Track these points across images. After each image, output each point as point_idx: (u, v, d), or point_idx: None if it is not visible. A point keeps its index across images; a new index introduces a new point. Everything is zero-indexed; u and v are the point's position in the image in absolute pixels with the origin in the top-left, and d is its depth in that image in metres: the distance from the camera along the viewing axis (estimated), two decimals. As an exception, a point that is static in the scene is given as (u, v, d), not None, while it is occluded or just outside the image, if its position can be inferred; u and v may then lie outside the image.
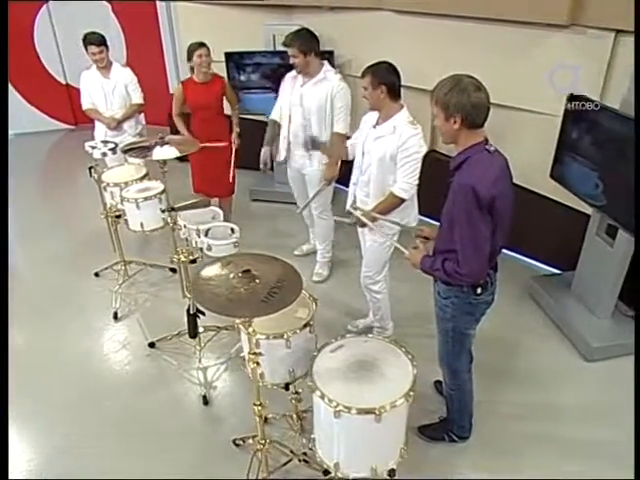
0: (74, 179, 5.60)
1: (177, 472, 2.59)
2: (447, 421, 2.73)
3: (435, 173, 2.78)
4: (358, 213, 2.80)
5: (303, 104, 3.50)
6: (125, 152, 2.91)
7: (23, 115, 6.90)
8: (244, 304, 1.78)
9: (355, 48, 4.45)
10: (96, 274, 4.09)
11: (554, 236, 3.88)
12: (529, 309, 3.68)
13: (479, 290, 2.20)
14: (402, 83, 3.06)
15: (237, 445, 2.68)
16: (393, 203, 2.83)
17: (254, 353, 2.04)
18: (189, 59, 3.88)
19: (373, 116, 2.92)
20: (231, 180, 4.17)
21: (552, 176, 3.49)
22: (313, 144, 3.36)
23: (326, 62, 3.54)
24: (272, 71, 4.61)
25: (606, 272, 3.28)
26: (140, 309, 3.77)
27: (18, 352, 3.30)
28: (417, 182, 2.82)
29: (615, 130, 2.94)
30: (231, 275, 1.90)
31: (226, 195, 4.24)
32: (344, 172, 3.38)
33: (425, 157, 2.81)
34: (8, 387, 2.19)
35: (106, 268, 4.06)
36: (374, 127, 2.88)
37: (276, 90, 4.63)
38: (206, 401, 2.98)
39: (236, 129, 4.17)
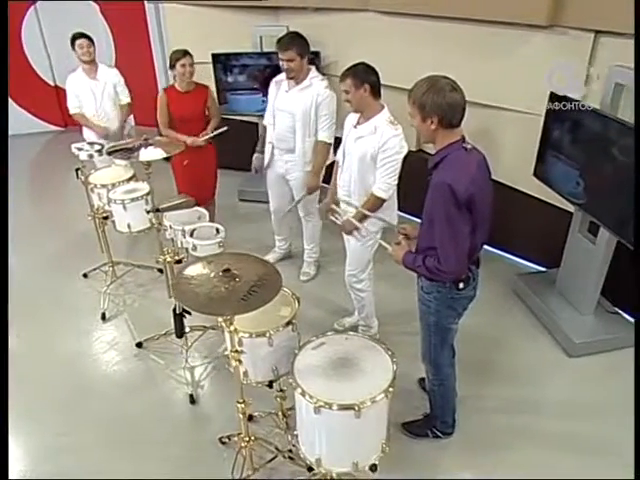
0: (63, 181, 5.59)
1: (165, 471, 2.61)
2: (430, 417, 2.77)
3: (423, 173, 2.81)
4: (344, 216, 2.83)
5: (288, 110, 3.46)
6: (110, 154, 2.93)
7: (11, 117, 6.82)
8: (224, 302, 1.81)
9: (341, 49, 4.48)
10: (84, 275, 4.10)
11: (539, 234, 3.93)
12: (514, 306, 3.73)
13: (461, 285, 2.24)
14: (388, 83, 3.11)
15: (223, 443, 2.71)
16: (375, 203, 2.86)
17: (236, 351, 2.07)
18: (172, 67, 3.77)
19: (354, 117, 2.95)
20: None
21: (535, 175, 3.54)
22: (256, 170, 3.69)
23: (313, 67, 3.51)
24: (259, 72, 4.64)
25: (588, 269, 3.33)
26: (128, 309, 3.78)
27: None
28: (396, 182, 2.86)
29: (595, 129, 2.99)
30: (212, 274, 1.93)
31: (209, 198, 4.21)
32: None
33: (412, 157, 2.85)
34: (8, 388, 2.21)
35: (94, 269, 4.07)
36: (355, 127, 2.91)
37: (263, 92, 4.69)
38: (193, 400, 3.00)
39: (206, 132, 3.91)
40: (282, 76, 3.50)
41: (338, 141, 3.21)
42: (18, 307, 3.79)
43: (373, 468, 2.14)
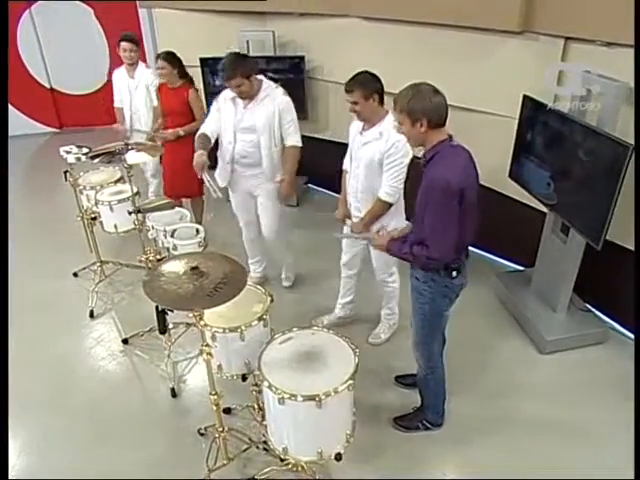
0: (56, 182, 5.69)
1: (145, 460, 2.73)
2: (421, 410, 2.86)
3: (410, 177, 2.92)
4: (347, 233, 3.05)
5: (249, 126, 3.32)
6: (92, 158, 3.04)
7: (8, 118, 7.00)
8: (191, 298, 1.91)
9: (325, 53, 4.59)
10: (75, 274, 4.22)
11: (517, 234, 4.03)
12: (492, 304, 3.82)
13: (454, 274, 2.37)
14: None
15: (202, 434, 2.81)
16: (381, 208, 2.93)
17: (207, 345, 2.18)
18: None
19: (359, 123, 2.99)
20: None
21: (510, 176, 3.64)
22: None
23: (263, 78, 3.37)
24: (246, 75, 4.72)
25: (561, 268, 3.42)
26: (116, 307, 3.90)
27: None
28: (402, 186, 2.92)
29: (563, 132, 3.09)
30: (181, 272, 2.04)
31: (197, 194, 4.32)
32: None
33: (411, 163, 2.88)
34: (8, 387, 2.26)
35: (84, 268, 4.19)
36: (361, 133, 2.96)
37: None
38: (174, 394, 3.11)
39: (182, 130, 4.03)
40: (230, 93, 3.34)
41: (345, 148, 3.20)
42: (13, 305, 3.93)
43: (338, 457, 2.25)
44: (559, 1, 3.14)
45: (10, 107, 7.03)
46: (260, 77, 3.35)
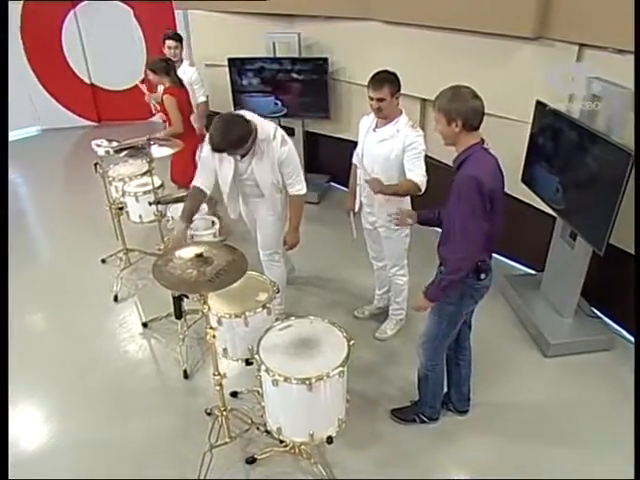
0: (91, 173, 6.00)
1: (155, 432, 2.94)
2: (419, 404, 2.93)
3: (433, 178, 3.02)
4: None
5: (252, 180, 3.11)
6: (118, 152, 3.25)
7: (50, 112, 7.40)
8: (193, 283, 2.08)
9: (348, 55, 4.71)
10: (103, 260, 4.48)
11: (528, 238, 4.05)
12: (499, 306, 3.87)
13: (482, 275, 2.43)
14: None
15: (208, 414, 2.98)
16: (410, 188, 2.92)
17: (211, 327, 2.35)
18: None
19: (369, 120, 3.12)
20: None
21: (523, 180, 3.68)
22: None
23: (257, 127, 2.94)
24: (271, 76, 4.91)
25: (568, 273, 3.46)
26: (138, 293, 4.13)
27: (27, 327, 3.80)
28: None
29: (571, 138, 3.12)
30: (187, 258, 2.21)
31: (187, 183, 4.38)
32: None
33: (440, 169, 3.03)
34: (8, 387, 2.37)
35: (111, 255, 4.44)
36: (374, 130, 3.05)
37: (275, 95, 4.98)
38: (186, 375, 3.31)
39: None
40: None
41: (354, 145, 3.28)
42: (44, 286, 4.26)
43: (329, 440, 2.38)
44: (574, 8, 3.17)
45: (53, 101, 7.45)
46: (255, 124, 2.93)
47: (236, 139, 2.78)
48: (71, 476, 2.71)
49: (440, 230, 2.54)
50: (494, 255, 4.16)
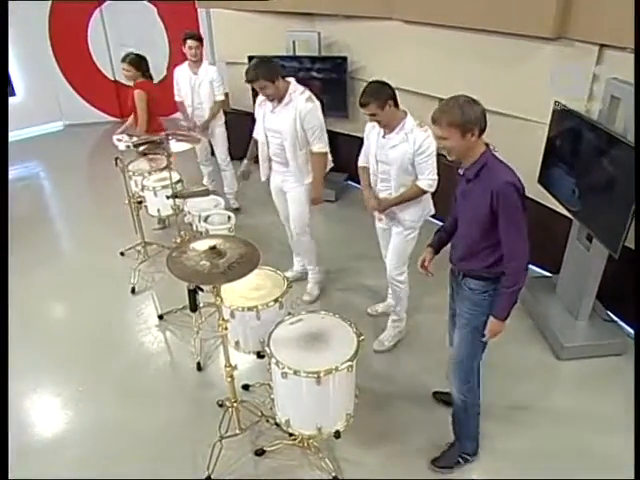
0: (113, 167, 6.15)
1: (167, 421, 3.01)
2: (459, 442, 2.70)
3: (443, 178, 3.02)
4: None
5: (275, 129, 3.44)
6: (137, 146, 3.32)
7: (74, 107, 7.56)
8: (205, 274, 2.13)
9: (367, 55, 4.73)
10: (121, 253, 4.57)
11: (544, 239, 3.99)
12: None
13: None
14: (408, 88, 3.16)
15: (220, 405, 3.02)
16: (416, 193, 3.03)
17: (223, 319, 2.39)
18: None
19: (376, 126, 3.05)
20: None
21: (540, 181, 3.66)
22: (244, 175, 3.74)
23: (292, 81, 3.42)
24: (291, 74, 4.92)
25: (584, 276, 3.42)
26: (155, 286, 4.21)
27: (46, 315, 3.92)
28: (437, 177, 3.01)
29: (590, 140, 3.10)
30: (201, 250, 2.25)
31: None
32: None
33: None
34: (8, 387, 2.45)
35: (130, 248, 4.53)
36: (384, 137, 3.02)
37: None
38: (200, 367, 3.36)
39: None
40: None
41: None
42: (67, 278, 4.38)
43: (337, 434, 2.41)
44: (595, 8, 3.15)
45: (77, 97, 7.61)
46: (290, 80, 3.41)
47: (264, 71, 3.21)
48: (87, 459, 2.80)
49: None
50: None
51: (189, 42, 4.58)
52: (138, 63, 4.34)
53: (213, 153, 5.14)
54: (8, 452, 2.13)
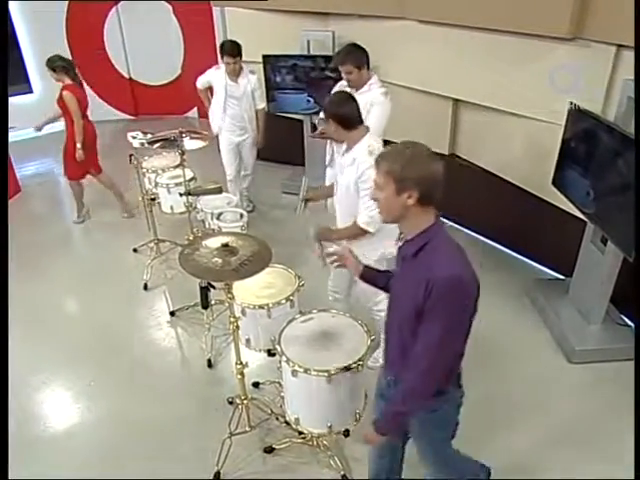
0: (127, 164, 6.20)
1: (176, 416, 3.04)
2: None
3: (457, 179, 2.90)
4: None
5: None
6: (151, 143, 3.35)
7: (90, 104, 7.58)
8: (217, 271, 2.14)
9: (381, 54, 4.68)
10: (135, 250, 4.61)
11: (558, 241, 3.99)
12: (524, 308, 3.83)
13: (460, 382, 1.93)
14: (421, 89, 3.11)
15: (230, 403, 3.04)
16: (354, 231, 2.71)
17: (234, 316, 2.40)
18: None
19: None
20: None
21: (554, 183, 3.62)
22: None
23: (375, 76, 3.60)
24: (305, 74, 4.95)
25: (598, 279, 3.39)
26: (167, 282, 4.24)
27: (59, 310, 3.97)
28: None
29: (605, 141, 3.06)
30: (214, 247, 2.27)
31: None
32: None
33: (446, 162, 2.89)
34: (8, 385, 2.41)
35: (143, 245, 4.57)
36: (342, 155, 2.81)
37: (309, 92, 5.01)
38: (210, 364, 3.39)
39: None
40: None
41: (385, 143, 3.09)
42: (81, 273, 4.44)
43: (346, 433, 2.41)
44: (611, 8, 3.11)
45: (93, 94, 7.65)
46: (372, 73, 3.61)
47: (354, 57, 3.47)
48: (96, 454, 2.84)
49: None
50: (520, 257, 4.26)
51: (226, 59, 4.33)
52: (61, 67, 4.49)
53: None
54: (8, 452, 2.14)
